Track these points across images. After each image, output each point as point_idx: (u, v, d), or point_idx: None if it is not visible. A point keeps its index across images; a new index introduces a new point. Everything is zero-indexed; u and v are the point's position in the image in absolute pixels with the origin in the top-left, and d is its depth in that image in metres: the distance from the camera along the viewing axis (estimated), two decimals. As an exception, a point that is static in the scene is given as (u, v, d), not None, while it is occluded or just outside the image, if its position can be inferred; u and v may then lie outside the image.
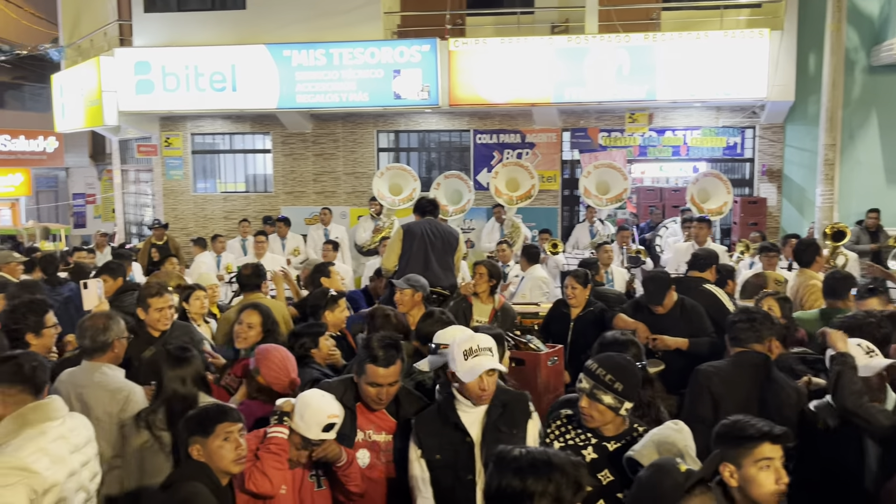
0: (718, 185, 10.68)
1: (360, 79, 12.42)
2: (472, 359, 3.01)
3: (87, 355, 3.74)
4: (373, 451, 3.27)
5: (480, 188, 13.17)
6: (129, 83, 13.05)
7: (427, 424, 3.13)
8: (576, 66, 11.83)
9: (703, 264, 5.69)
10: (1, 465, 2.60)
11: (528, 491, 1.92)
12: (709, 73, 11.50)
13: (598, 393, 2.88)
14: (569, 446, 2.98)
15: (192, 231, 13.90)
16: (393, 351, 3.18)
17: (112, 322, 3.80)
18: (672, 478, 2.35)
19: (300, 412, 3.02)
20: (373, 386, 3.18)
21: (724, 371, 3.58)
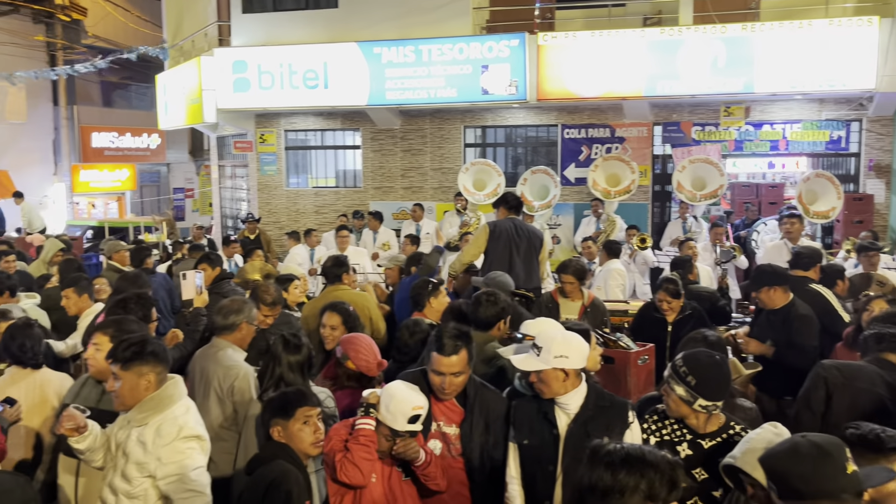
0: (829, 187, 10.12)
1: (448, 75, 12.48)
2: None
3: (217, 332, 4.08)
4: (444, 443, 3.31)
5: (568, 183, 13.03)
6: (227, 82, 13.54)
7: (522, 409, 3.18)
8: (669, 58, 11.50)
9: (807, 263, 5.43)
10: (184, 434, 3.00)
11: (619, 486, 1.90)
12: (811, 64, 10.95)
13: (672, 382, 2.92)
14: (664, 441, 2.98)
15: (284, 225, 14.33)
16: (459, 341, 3.19)
17: (246, 306, 4.14)
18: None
19: (385, 404, 3.08)
20: (436, 374, 3.21)
21: (847, 368, 3.46)
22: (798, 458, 1.94)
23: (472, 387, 3.31)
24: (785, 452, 2.00)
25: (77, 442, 3.11)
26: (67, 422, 3.06)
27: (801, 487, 1.91)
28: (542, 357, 3.00)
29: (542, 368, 3.00)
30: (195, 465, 3.01)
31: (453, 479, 3.31)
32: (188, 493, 2.99)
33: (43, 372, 4.02)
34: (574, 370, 3.02)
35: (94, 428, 3.14)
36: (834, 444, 1.98)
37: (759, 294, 4.90)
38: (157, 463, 2.97)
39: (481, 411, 3.27)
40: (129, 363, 3.04)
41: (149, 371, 3.05)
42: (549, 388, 3.02)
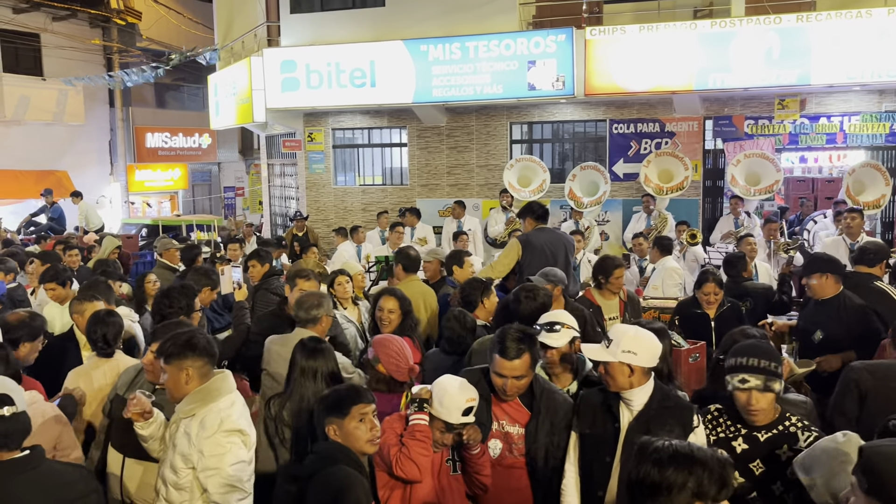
0: (876, 175, 9.85)
1: (494, 71, 12.44)
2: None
3: (300, 324, 4.30)
4: (505, 443, 3.32)
5: (616, 179, 12.88)
6: (276, 81, 13.75)
7: (588, 400, 3.21)
8: (720, 51, 11.27)
9: (872, 259, 5.21)
10: (225, 428, 3.05)
11: (666, 482, 1.90)
12: (870, 54, 10.59)
13: (771, 383, 2.87)
14: (719, 439, 2.97)
15: (332, 222, 14.49)
16: (522, 345, 3.19)
17: (324, 300, 4.38)
18: None
19: (439, 398, 3.10)
20: (498, 376, 3.23)
21: (877, 368, 3.34)
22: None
23: (538, 387, 3.33)
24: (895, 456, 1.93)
25: (142, 428, 3.22)
26: (134, 406, 3.16)
27: (894, 495, 1.86)
28: (611, 350, 3.02)
29: (609, 361, 3.01)
30: (235, 460, 3.05)
31: (515, 478, 3.33)
32: (226, 488, 3.04)
33: (116, 360, 4.13)
34: (641, 367, 3.00)
35: (158, 415, 3.25)
36: None
37: (809, 280, 4.81)
38: (198, 455, 3.03)
39: (547, 412, 3.28)
40: (171, 357, 3.15)
41: (189, 365, 3.13)
42: (614, 381, 3.04)
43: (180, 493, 3.07)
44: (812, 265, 4.86)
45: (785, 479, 2.79)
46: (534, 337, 3.33)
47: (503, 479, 3.31)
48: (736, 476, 2.86)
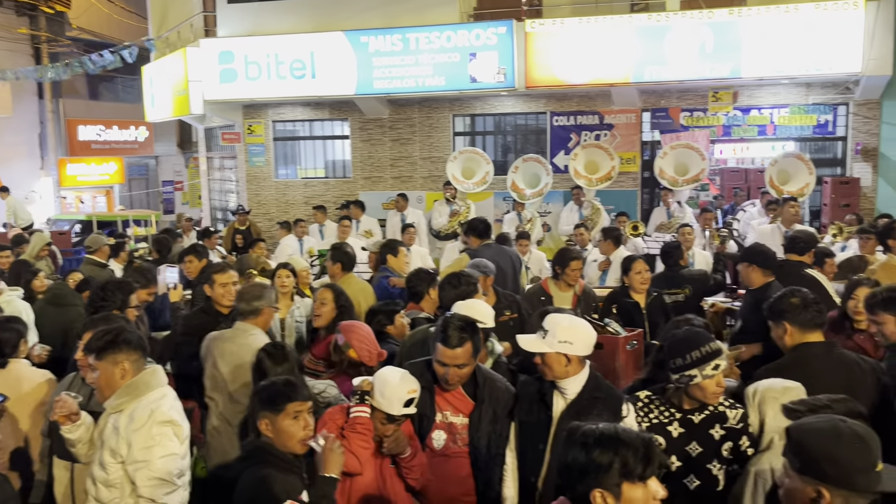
0: (800, 165, 10.22)
1: (436, 63, 12.44)
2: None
3: (241, 317, 4.17)
4: (449, 434, 3.32)
5: (558, 171, 13.02)
6: (214, 73, 13.47)
7: (526, 388, 3.26)
8: (656, 44, 11.51)
9: (802, 247, 5.39)
10: (153, 420, 2.98)
11: (594, 464, 1.94)
12: (798, 48, 10.97)
13: (721, 363, 2.94)
14: (654, 425, 3.03)
15: (274, 216, 14.30)
16: (464, 333, 3.20)
17: (266, 291, 4.26)
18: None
19: (380, 390, 3.09)
20: (440, 365, 3.23)
21: (782, 372, 3.31)
22: (838, 441, 1.90)
23: (480, 376, 3.34)
24: (824, 432, 1.95)
25: (69, 431, 3.11)
26: (60, 408, 3.06)
27: (830, 471, 1.88)
28: (547, 340, 3.04)
29: (546, 351, 3.04)
30: (165, 452, 2.98)
31: (459, 468, 3.34)
32: (154, 482, 2.96)
33: (15, 368, 3.98)
34: (577, 356, 3.04)
35: (85, 418, 3.14)
36: (871, 436, 1.94)
37: (739, 267, 4.96)
38: (127, 448, 2.96)
39: (490, 400, 3.29)
40: (103, 352, 3.05)
41: (123, 359, 3.05)
42: (551, 371, 3.07)
43: (110, 490, 2.99)
44: (744, 255, 5.01)
45: (721, 456, 2.89)
46: (476, 325, 3.33)
47: (447, 469, 3.32)
48: (672, 460, 2.94)
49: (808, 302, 3.39)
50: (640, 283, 5.56)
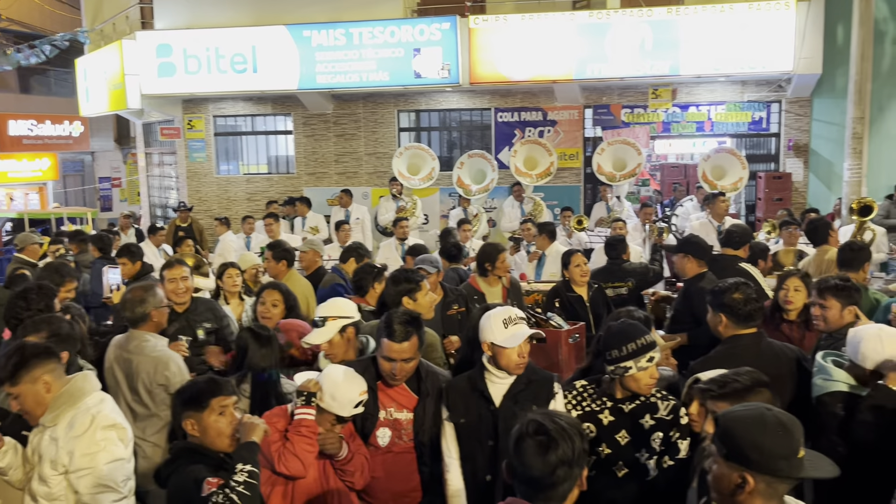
0: (733, 161, 10.52)
1: (380, 58, 12.38)
2: (512, 326, 3.09)
3: (132, 325, 3.95)
4: (394, 430, 3.30)
5: (503, 167, 13.10)
6: (151, 66, 13.13)
7: (456, 390, 3.22)
8: (598, 41, 11.68)
9: (737, 242, 5.53)
10: (97, 425, 2.87)
11: (541, 472, 2.08)
12: (733, 47, 11.29)
13: (655, 355, 2.99)
14: (585, 413, 3.07)
15: (215, 212, 14.01)
16: (409, 327, 3.19)
17: (148, 294, 3.99)
18: None
19: (331, 392, 3.03)
20: (387, 360, 3.21)
21: (714, 363, 3.39)
22: (762, 428, 1.96)
23: (423, 370, 3.34)
24: (750, 419, 2.01)
25: None
26: None
27: (754, 457, 1.95)
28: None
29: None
30: (110, 458, 2.88)
31: (406, 464, 3.32)
32: (98, 488, 2.87)
33: None
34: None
35: (10, 442, 2.95)
36: (795, 424, 2.00)
37: (675, 258, 5.09)
38: (69, 456, 2.84)
39: (433, 395, 3.29)
40: (16, 377, 2.86)
41: (41, 374, 2.89)
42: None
43: (53, 503, 2.87)
44: (680, 245, 5.14)
45: (649, 446, 2.95)
46: (420, 319, 3.32)
47: (394, 466, 3.29)
48: (602, 447, 2.99)
49: (748, 299, 3.49)
50: (581, 275, 5.63)
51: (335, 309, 3.63)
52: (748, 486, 1.95)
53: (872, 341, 3.10)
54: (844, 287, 3.68)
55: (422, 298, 4.25)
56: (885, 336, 3.11)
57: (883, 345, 3.07)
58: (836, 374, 3.19)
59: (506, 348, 3.06)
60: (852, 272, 4.58)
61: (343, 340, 3.59)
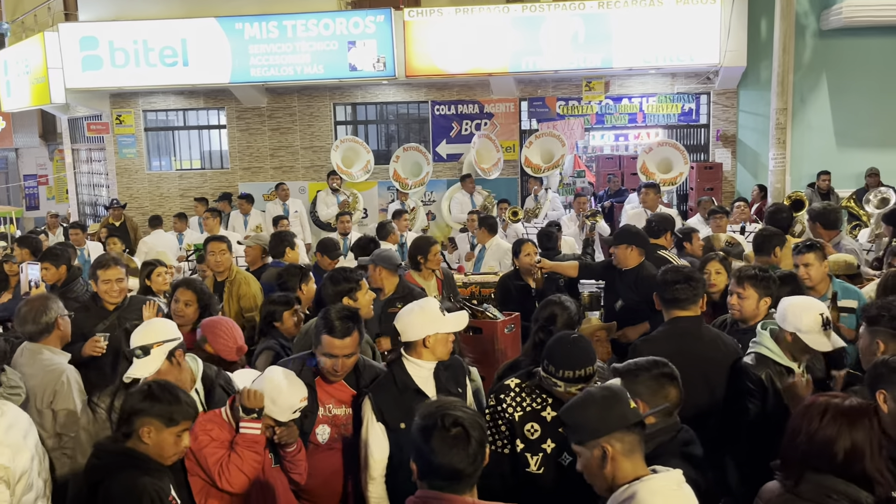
0: (677, 155, 10.78)
1: (314, 51, 12.24)
2: (450, 313, 3.25)
3: (34, 338, 3.71)
4: (333, 426, 3.29)
5: (440, 160, 13.14)
6: (76, 59, 12.68)
7: (385, 395, 3.16)
8: (532, 34, 11.79)
9: (657, 230, 5.72)
10: None
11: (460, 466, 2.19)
12: (662, 40, 11.56)
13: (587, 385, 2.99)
14: (528, 413, 3.07)
15: (148, 210, 13.66)
16: (349, 322, 3.18)
17: (50, 301, 3.80)
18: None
19: (272, 397, 2.98)
20: (328, 357, 3.18)
21: (658, 350, 3.43)
22: (592, 401, 2.28)
23: (360, 363, 3.35)
24: (580, 401, 2.33)
25: None
26: None
27: (599, 426, 2.22)
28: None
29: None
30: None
31: (347, 460, 3.31)
32: None
33: None
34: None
35: None
36: (617, 386, 2.40)
37: (616, 250, 5.17)
38: None
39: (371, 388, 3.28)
40: None
41: None
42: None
43: None
44: (619, 237, 5.22)
45: None
46: (358, 314, 3.32)
47: (334, 462, 3.29)
48: (548, 443, 3.03)
49: (669, 281, 3.58)
50: (530, 264, 5.70)
51: (157, 333, 3.24)
52: (609, 452, 2.20)
53: (794, 307, 3.29)
54: (763, 277, 3.75)
55: (362, 297, 4.20)
56: (804, 304, 3.32)
57: (801, 308, 3.26)
58: (765, 340, 3.34)
59: (451, 333, 3.23)
60: (764, 256, 4.76)
61: (174, 366, 3.24)
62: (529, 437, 3.03)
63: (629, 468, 2.19)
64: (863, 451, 2.18)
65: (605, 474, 2.21)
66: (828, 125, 11.96)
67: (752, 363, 3.29)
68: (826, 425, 2.21)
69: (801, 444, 2.24)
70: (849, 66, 11.72)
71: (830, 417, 2.21)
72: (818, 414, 2.24)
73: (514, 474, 3.05)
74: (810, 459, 2.22)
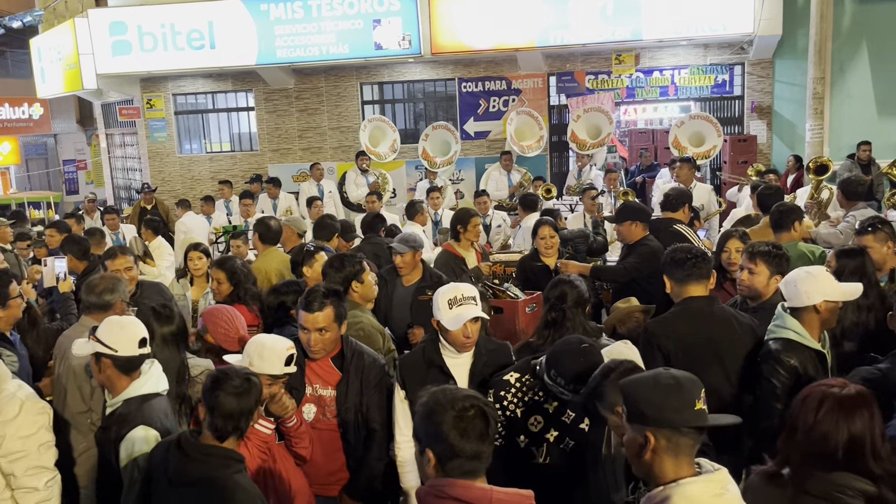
0: (710, 128, 10.49)
1: (339, 30, 12.19)
2: (456, 308, 3.13)
3: (88, 311, 3.81)
4: (319, 406, 3.33)
5: (468, 138, 13.03)
6: (106, 44, 12.82)
7: (411, 367, 3.25)
8: (560, 7, 11.57)
9: (674, 204, 5.61)
10: (30, 409, 2.90)
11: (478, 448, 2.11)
12: (694, 10, 11.25)
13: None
14: (530, 406, 3.05)
15: (179, 193, 13.82)
16: (326, 299, 3.22)
17: (119, 284, 3.90)
18: None
19: (258, 353, 3.03)
20: (303, 331, 3.24)
21: (671, 329, 3.44)
22: (654, 386, 2.05)
23: (349, 349, 3.35)
24: (644, 379, 2.12)
25: None
26: None
27: (648, 412, 2.02)
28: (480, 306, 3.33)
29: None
30: (43, 440, 2.91)
31: (331, 441, 3.34)
32: (35, 470, 2.89)
33: None
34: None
35: None
36: (690, 380, 2.07)
37: (620, 227, 5.11)
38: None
39: (357, 371, 3.31)
40: None
41: None
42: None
43: None
44: (621, 214, 5.14)
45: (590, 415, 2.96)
46: (340, 293, 3.36)
47: (319, 442, 3.32)
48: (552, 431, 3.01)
49: (681, 258, 3.46)
50: (545, 247, 5.62)
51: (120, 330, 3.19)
52: (650, 444, 2.01)
53: (805, 278, 3.19)
54: (776, 254, 3.65)
55: (367, 280, 4.21)
56: (812, 271, 3.24)
57: (816, 277, 3.18)
58: (790, 323, 3.21)
59: (450, 330, 3.13)
60: (784, 232, 4.60)
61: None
62: (533, 430, 3.02)
63: (670, 468, 2.01)
64: (862, 443, 2.10)
65: (643, 461, 2.05)
66: (868, 94, 11.56)
67: (782, 349, 3.15)
68: (822, 419, 2.14)
69: (800, 440, 2.17)
70: (889, 33, 11.29)
71: (826, 410, 2.14)
72: (814, 407, 2.17)
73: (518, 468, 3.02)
74: (812, 457, 2.15)
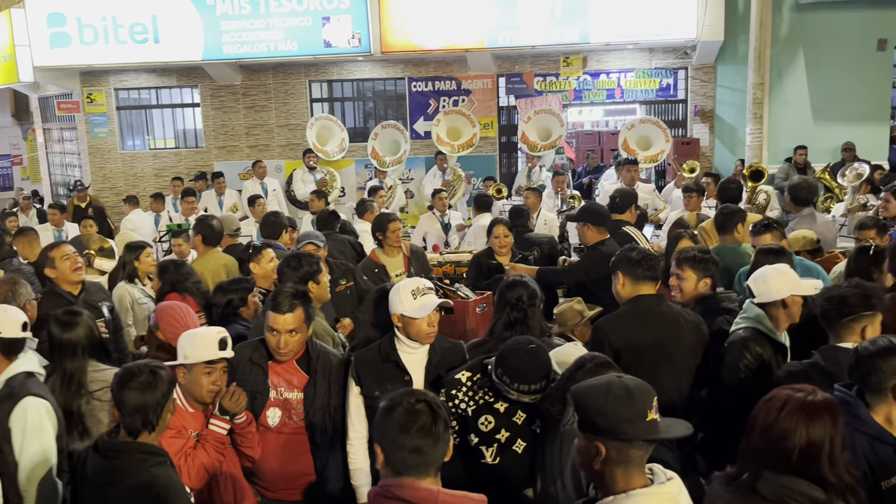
0: (658, 133, 10.68)
1: (288, 27, 12.05)
2: (420, 297, 3.12)
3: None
4: (284, 410, 3.27)
5: (418, 137, 13.02)
6: (43, 36, 12.42)
7: (366, 362, 3.23)
8: (508, 8, 11.66)
9: (620, 206, 5.71)
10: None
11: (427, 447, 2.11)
12: (640, 14, 11.46)
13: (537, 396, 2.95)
14: (481, 406, 3.05)
15: (122, 190, 13.46)
16: (294, 300, 3.19)
17: (18, 286, 3.72)
18: None
19: (191, 344, 3.02)
20: (272, 333, 3.19)
21: (620, 328, 3.50)
22: (606, 395, 1.97)
23: (314, 350, 3.32)
24: (595, 387, 2.03)
25: None
26: None
27: (599, 422, 1.95)
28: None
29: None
30: None
31: (298, 445, 3.29)
32: None
33: None
34: None
35: None
36: (642, 389, 2.00)
37: (578, 227, 5.19)
38: None
39: (324, 372, 3.27)
40: None
41: None
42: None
43: None
44: (579, 215, 5.22)
45: (542, 416, 2.98)
46: (307, 294, 3.33)
47: (285, 446, 3.26)
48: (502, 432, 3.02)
49: (637, 258, 3.55)
50: (499, 246, 5.66)
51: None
52: (601, 455, 1.95)
53: (775, 275, 3.30)
54: (702, 259, 3.77)
55: (322, 281, 4.17)
56: (780, 268, 3.36)
57: (784, 274, 3.30)
58: (757, 315, 3.31)
59: (416, 319, 3.10)
60: (728, 234, 4.74)
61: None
62: (483, 429, 3.03)
63: (620, 478, 1.95)
64: (819, 449, 2.05)
65: (594, 470, 1.99)
66: (804, 100, 11.96)
67: (749, 336, 3.25)
68: (783, 419, 2.08)
69: (755, 439, 2.12)
70: (825, 41, 11.69)
71: (789, 411, 2.09)
72: (777, 408, 2.12)
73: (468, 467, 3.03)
74: (765, 455, 2.10)
